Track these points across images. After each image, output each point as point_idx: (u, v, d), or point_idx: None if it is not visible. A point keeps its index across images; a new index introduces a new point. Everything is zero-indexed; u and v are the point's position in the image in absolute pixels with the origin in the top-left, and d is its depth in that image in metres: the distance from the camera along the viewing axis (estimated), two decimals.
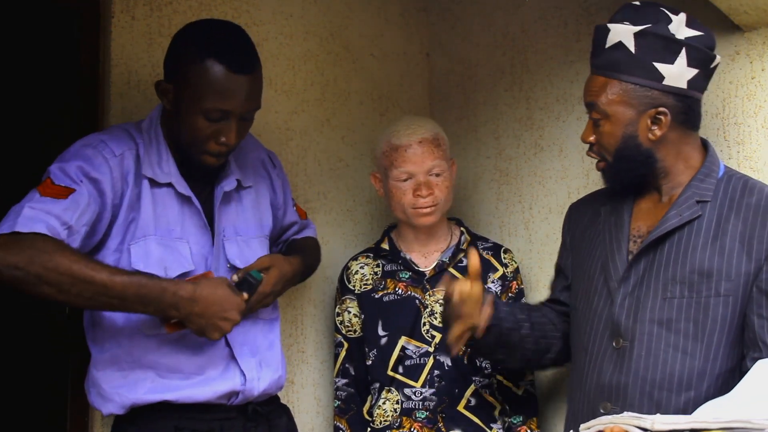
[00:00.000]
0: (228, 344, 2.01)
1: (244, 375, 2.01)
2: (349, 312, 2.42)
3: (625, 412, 1.65)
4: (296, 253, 2.22)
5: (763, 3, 1.98)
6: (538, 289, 2.51)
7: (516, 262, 2.46)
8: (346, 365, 2.41)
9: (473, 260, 1.94)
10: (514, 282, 2.41)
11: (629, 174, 1.91)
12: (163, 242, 1.95)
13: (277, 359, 2.12)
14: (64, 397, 2.29)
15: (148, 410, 1.95)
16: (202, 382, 1.97)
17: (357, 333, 2.42)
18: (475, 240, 2.47)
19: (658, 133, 1.86)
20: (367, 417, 2.36)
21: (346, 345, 2.42)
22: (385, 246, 2.45)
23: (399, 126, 2.43)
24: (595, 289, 1.94)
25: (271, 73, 2.61)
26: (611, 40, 1.86)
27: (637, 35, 1.84)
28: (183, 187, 1.99)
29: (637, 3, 1.91)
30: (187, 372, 1.96)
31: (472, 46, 2.84)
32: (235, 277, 1.95)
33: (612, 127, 1.87)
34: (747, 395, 1.66)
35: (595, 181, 2.34)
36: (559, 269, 2.17)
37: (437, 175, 2.37)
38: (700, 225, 1.85)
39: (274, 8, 2.64)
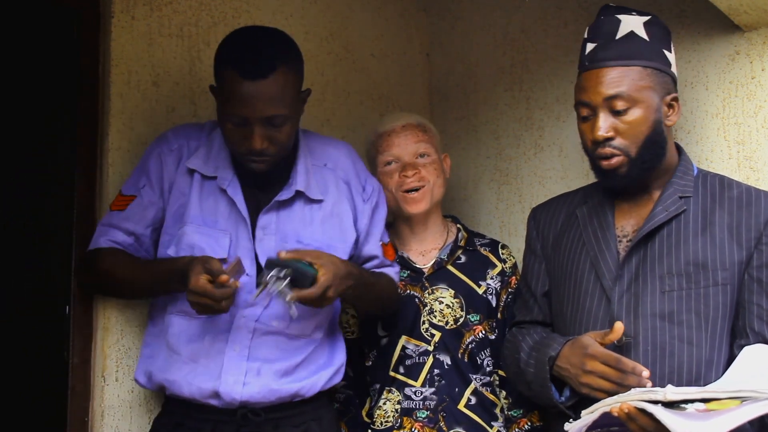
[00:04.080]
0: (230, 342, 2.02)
1: (220, 375, 1.99)
2: (347, 313, 2.41)
3: (633, 389, 1.65)
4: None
5: (763, 3, 1.98)
6: None
7: (514, 258, 2.46)
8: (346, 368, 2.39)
9: None
10: (513, 277, 2.40)
11: (651, 165, 1.89)
12: (201, 230, 2.02)
13: (296, 369, 2.06)
14: (64, 397, 2.29)
15: (166, 401, 2.10)
16: (193, 371, 2.00)
17: (355, 334, 2.41)
18: (472, 236, 2.46)
19: (674, 119, 1.91)
20: (366, 419, 2.35)
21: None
22: None
23: (385, 117, 2.51)
24: (585, 291, 1.94)
25: None
26: (623, 30, 1.87)
27: (646, 24, 1.88)
28: (224, 181, 2.04)
29: (612, 4, 1.95)
30: (184, 355, 2.02)
31: (472, 46, 2.84)
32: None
33: (643, 113, 1.86)
34: (738, 378, 1.68)
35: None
36: (529, 288, 2.11)
37: (423, 155, 2.37)
38: (687, 219, 1.88)
39: (274, 8, 2.64)
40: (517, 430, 2.31)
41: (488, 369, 2.34)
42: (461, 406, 2.28)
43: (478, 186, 2.79)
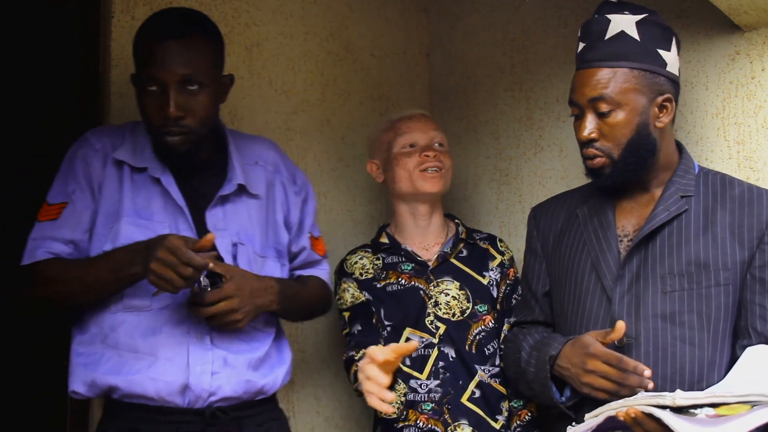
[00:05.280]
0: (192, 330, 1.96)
1: (189, 365, 1.92)
2: (348, 291, 2.39)
3: (640, 393, 1.64)
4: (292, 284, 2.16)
5: (763, 3, 1.98)
6: None
7: (511, 251, 2.48)
8: (350, 328, 2.36)
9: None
10: (511, 269, 2.43)
11: (637, 167, 1.88)
12: (138, 223, 1.97)
13: (261, 364, 2.04)
14: (64, 397, 2.29)
15: (110, 407, 1.98)
16: (154, 366, 1.92)
17: (360, 300, 2.38)
18: (470, 232, 2.49)
19: (665, 120, 1.88)
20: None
21: (348, 313, 2.38)
22: (384, 240, 2.45)
23: (396, 110, 2.59)
24: (586, 291, 1.93)
25: (271, 73, 2.62)
26: (612, 30, 1.86)
27: (638, 23, 1.85)
28: (156, 171, 2.00)
29: (613, 0, 1.93)
30: (141, 351, 1.93)
31: (472, 46, 2.84)
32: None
33: (626, 116, 1.85)
34: (742, 379, 1.67)
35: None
36: (530, 288, 2.11)
37: (440, 145, 2.44)
38: (688, 219, 1.87)
39: (274, 8, 2.64)
40: (518, 422, 2.32)
41: (494, 361, 2.34)
42: (464, 400, 2.29)
43: (478, 186, 2.79)
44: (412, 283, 2.37)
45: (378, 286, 2.38)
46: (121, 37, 2.33)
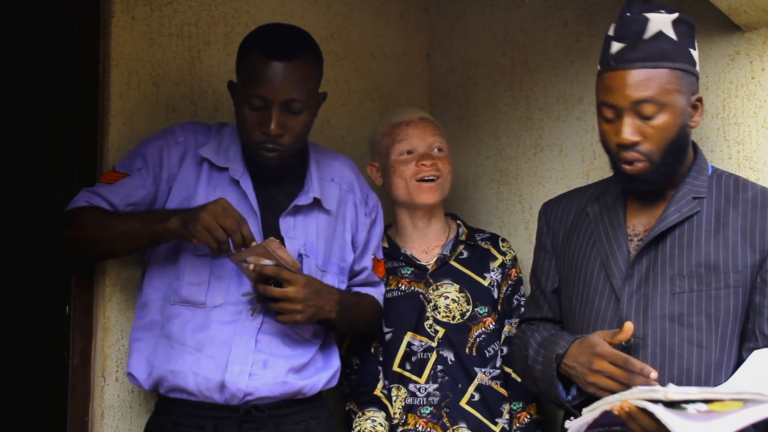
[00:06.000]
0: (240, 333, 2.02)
1: (228, 364, 1.99)
2: None
3: (634, 387, 1.64)
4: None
5: (763, 3, 1.98)
6: None
7: (514, 251, 2.47)
8: (349, 358, 2.37)
9: None
10: (513, 270, 2.42)
11: (673, 169, 1.85)
12: None
13: (303, 368, 2.08)
14: (64, 397, 2.29)
15: (159, 403, 2.08)
16: (198, 362, 1.99)
17: None
18: (472, 232, 2.48)
19: (698, 120, 1.86)
20: (385, 401, 2.31)
21: (348, 338, 2.40)
22: (384, 244, 2.45)
23: (397, 110, 2.55)
24: (595, 290, 1.92)
25: None
26: (651, 30, 1.80)
27: (674, 22, 1.80)
28: (237, 173, 2.05)
29: None
30: (189, 345, 2.01)
31: (472, 46, 2.84)
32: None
33: (670, 118, 1.79)
34: (745, 382, 1.67)
35: (595, 181, 2.34)
36: (539, 285, 2.09)
37: (439, 150, 2.41)
38: (700, 220, 1.85)
39: (274, 8, 2.64)
40: (517, 424, 2.32)
41: (498, 361, 2.34)
42: (463, 403, 2.29)
43: (478, 186, 2.79)
44: (412, 287, 2.37)
45: None
46: (121, 37, 2.33)
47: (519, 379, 2.28)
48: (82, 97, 2.33)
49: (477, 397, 2.30)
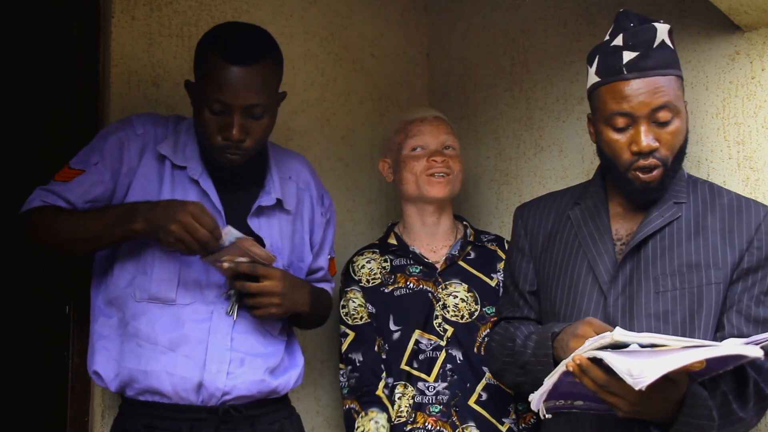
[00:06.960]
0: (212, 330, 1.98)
1: (206, 363, 1.95)
2: (354, 302, 2.40)
3: (587, 341, 1.63)
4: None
5: (763, 3, 1.98)
6: None
7: None
8: (350, 355, 2.37)
9: None
10: None
11: (675, 174, 1.90)
12: None
13: (276, 367, 2.07)
14: (64, 397, 2.29)
15: (126, 405, 2.00)
16: (173, 361, 1.94)
17: (363, 320, 2.39)
18: (478, 234, 2.50)
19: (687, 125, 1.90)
20: (386, 401, 2.31)
21: (350, 335, 2.39)
22: (392, 241, 2.45)
23: (411, 109, 2.59)
24: (582, 293, 1.94)
25: None
26: (658, 39, 1.85)
27: (670, 32, 1.87)
28: (195, 172, 2.01)
29: (624, 9, 1.93)
30: (161, 345, 1.95)
31: (472, 46, 2.84)
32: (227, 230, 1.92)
33: (681, 123, 1.85)
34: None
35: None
36: (516, 286, 2.09)
37: (451, 148, 2.44)
38: (680, 224, 1.88)
39: (274, 8, 2.64)
40: (523, 425, 2.32)
41: None
42: (471, 402, 2.29)
43: (478, 186, 2.79)
44: (420, 286, 2.37)
45: (386, 291, 2.39)
46: (121, 37, 2.33)
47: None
48: (82, 98, 2.33)
49: (485, 396, 2.31)
